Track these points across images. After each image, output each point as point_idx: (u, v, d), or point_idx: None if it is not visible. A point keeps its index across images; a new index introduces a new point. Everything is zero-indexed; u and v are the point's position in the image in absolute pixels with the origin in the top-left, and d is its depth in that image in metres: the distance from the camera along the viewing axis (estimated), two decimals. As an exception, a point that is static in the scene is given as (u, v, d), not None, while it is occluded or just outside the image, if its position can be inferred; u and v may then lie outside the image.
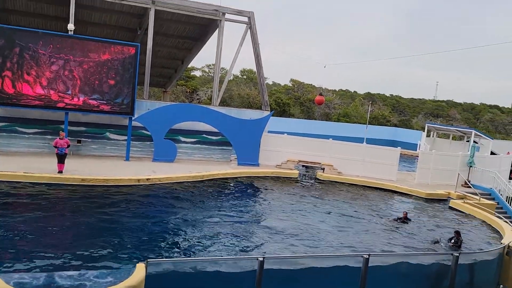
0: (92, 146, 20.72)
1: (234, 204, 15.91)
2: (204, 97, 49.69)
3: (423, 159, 22.66)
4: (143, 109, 20.98)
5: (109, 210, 13.38)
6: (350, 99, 67.17)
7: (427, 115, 64.65)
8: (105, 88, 19.38)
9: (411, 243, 13.39)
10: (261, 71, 24.85)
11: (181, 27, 26.55)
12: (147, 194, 15.82)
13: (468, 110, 73.06)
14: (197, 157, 22.60)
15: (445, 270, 9.29)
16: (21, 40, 17.89)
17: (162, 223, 12.84)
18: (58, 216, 12.44)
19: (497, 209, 18.80)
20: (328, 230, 13.78)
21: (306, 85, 62.37)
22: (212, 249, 11.17)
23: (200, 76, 60.39)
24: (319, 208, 16.48)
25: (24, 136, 19.59)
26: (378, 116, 58.17)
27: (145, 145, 21.53)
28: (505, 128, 63.76)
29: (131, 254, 10.24)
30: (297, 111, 54.85)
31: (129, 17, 25.11)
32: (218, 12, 23.17)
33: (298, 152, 22.97)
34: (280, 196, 17.89)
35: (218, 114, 22.07)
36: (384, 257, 9.74)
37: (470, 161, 22.35)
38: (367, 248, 12.30)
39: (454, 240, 13.37)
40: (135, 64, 19.64)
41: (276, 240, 12.37)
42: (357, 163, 22.70)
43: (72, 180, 15.56)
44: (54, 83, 18.56)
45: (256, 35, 23.96)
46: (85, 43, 18.97)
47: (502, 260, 11.08)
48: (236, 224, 13.47)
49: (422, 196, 19.89)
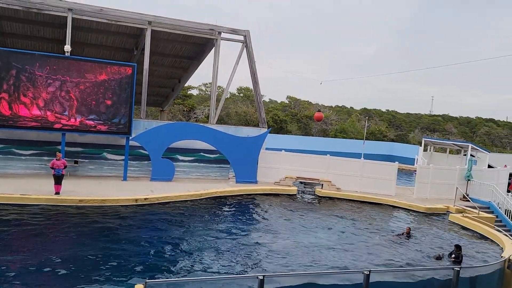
0: (89, 167, 20.65)
1: (233, 222, 15.79)
2: (201, 116, 49.82)
3: (421, 174, 22.65)
4: (141, 128, 21.00)
5: (106, 231, 13.25)
6: (347, 115, 67.48)
7: (423, 129, 64.96)
8: (102, 108, 19.42)
9: (413, 258, 13.27)
10: (257, 89, 25.00)
11: (178, 47, 26.80)
12: (145, 214, 15.69)
13: (464, 124, 73.45)
14: (195, 175, 22.53)
15: (447, 285, 9.20)
16: (18, 62, 17.99)
17: (161, 243, 12.72)
18: (55, 238, 12.31)
19: (496, 222, 18.74)
20: (329, 247, 13.66)
21: (302, 102, 62.72)
22: (211, 268, 11.04)
23: (197, 95, 60.67)
24: (319, 225, 16.37)
25: (20, 158, 19.52)
26: (375, 132, 58.39)
27: (142, 165, 21.47)
28: (501, 141, 64.02)
29: (129, 275, 10.11)
30: (294, 127, 55.00)
31: (126, 37, 25.34)
32: (214, 31, 23.42)
33: (296, 168, 22.95)
34: (279, 213, 17.79)
35: (216, 132, 22.10)
36: (385, 273, 9.64)
37: (468, 174, 22.36)
38: (369, 264, 12.19)
39: (454, 255, 13.28)
40: (132, 84, 19.74)
41: (276, 257, 12.24)
42: (355, 178, 22.67)
43: (69, 201, 15.46)
44: (50, 104, 18.59)
45: (252, 53, 24.19)
46: (81, 64, 19.09)
47: (503, 273, 10.99)
48: (235, 242, 13.34)
49: (421, 210, 19.81)
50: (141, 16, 22.06)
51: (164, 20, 22.37)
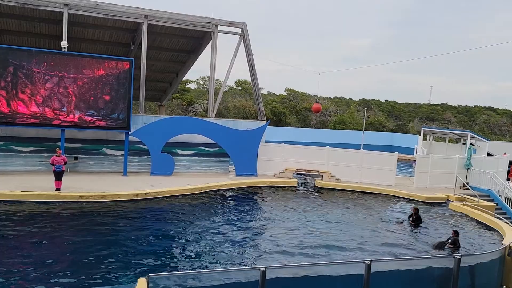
0: (89, 163, 20.65)
1: (233, 215, 15.84)
2: (200, 110, 49.75)
3: (420, 163, 22.68)
4: (139, 123, 20.98)
5: (108, 226, 13.29)
6: (346, 106, 67.36)
7: (422, 119, 64.88)
8: (100, 104, 19.39)
9: (414, 248, 13.35)
10: (255, 81, 24.94)
11: (175, 41, 26.68)
12: (146, 208, 15.74)
13: (463, 113, 73.36)
14: (195, 169, 22.54)
15: (448, 273, 9.24)
16: (15, 59, 17.93)
17: (162, 237, 12.76)
18: (56, 233, 12.34)
19: (497, 210, 18.81)
20: (331, 238, 13.71)
21: (301, 94, 62.56)
22: (214, 261, 11.09)
23: (195, 89, 60.53)
24: (320, 216, 16.42)
25: (20, 155, 19.51)
26: (374, 122, 58.33)
27: (142, 160, 21.48)
28: (500, 129, 63.99)
29: (132, 269, 10.15)
30: (293, 120, 54.94)
31: (122, 32, 25.22)
32: (211, 24, 23.30)
33: (295, 160, 22.96)
34: (279, 205, 17.84)
35: (215, 125, 22.07)
36: (386, 262, 9.68)
37: (468, 163, 22.39)
38: (374, 252, 12.26)
39: (451, 240, 13.47)
40: (130, 79, 19.68)
41: (278, 249, 12.29)
42: (355, 169, 22.69)
43: (70, 197, 15.48)
44: (49, 101, 18.55)
45: (249, 46, 24.07)
46: (79, 59, 19.02)
47: (504, 261, 11.03)
48: (236, 235, 13.40)
49: (421, 200, 19.86)
50: (137, 10, 21.92)
51: (161, 14, 22.24)
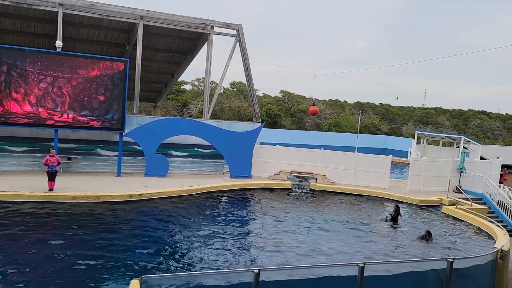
0: (82, 163, 20.56)
1: (227, 217, 15.82)
2: (195, 111, 49.71)
3: (414, 166, 22.78)
4: (134, 124, 20.91)
5: (101, 227, 13.22)
6: (340, 109, 67.59)
7: (416, 122, 65.27)
8: (94, 104, 19.31)
9: (407, 249, 13.39)
10: (251, 83, 24.95)
11: (170, 41, 26.65)
12: (139, 209, 15.67)
13: (456, 117, 73.89)
14: (190, 170, 22.51)
15: (440, 276, 9.29)
16: (9, 58, 17.82)
17: (156, 239, 12.71)
18: (48, 234, 12.25)
19: (489, 213, 18.94)
20: (325, 240, 13.73)
21: (296, 96, 62.70)
22: (207, 263, 11.06)
23: (190, 90, 60.50)
24: (314, 219, 16.42)
25: (13, 154, 19.39)
26: (368, 125, 58.57)
27: (136, 161, 21.41)
28: (493, 133, 64.49)
29: (125, 270, 10.10)
30: (288, 122, 55.04)
31: (117, 32, 25.15)
32: (206, 26, 23.30)
33: (290, 162, 22.99)
34: (274, 207, 17.83)
35: (210, 127, 22.05)
36: (379, 265, 9.71)
37: (461, 166, 22.52)
38: (369, 255, 12.27)
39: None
40: (125, 80, 19.62)
41: (272, 252, 12.28)
42: (349, 172, 22.76)
43: (63, 197, 15.38)
44: (43, 101, 18.46)
45: (245, 48, 24.09)
46: (73, 59, 18.94)
47: (496, 264, 11.10)
48: (230, 237, 13.37)
49: (415, 203, 19.95)
50: (132, 10, 21.89)
51: (157, 15, 22.21)
